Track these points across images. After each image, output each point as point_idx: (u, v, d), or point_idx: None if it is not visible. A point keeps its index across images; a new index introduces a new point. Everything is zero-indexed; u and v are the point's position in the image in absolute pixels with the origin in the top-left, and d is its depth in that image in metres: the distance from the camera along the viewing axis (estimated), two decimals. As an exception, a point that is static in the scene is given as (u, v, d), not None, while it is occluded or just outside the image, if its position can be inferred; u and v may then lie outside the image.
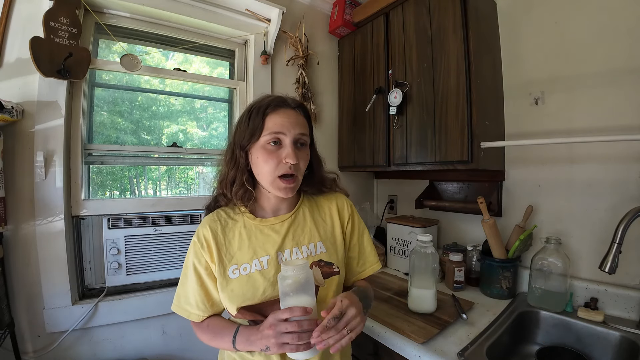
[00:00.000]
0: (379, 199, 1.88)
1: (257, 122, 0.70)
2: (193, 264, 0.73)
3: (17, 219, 1.01)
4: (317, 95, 1.62)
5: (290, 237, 0.75)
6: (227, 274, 0.71)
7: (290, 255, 0.74)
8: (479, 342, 0.84)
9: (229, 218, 0.77)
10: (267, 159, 0.69)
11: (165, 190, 1.45)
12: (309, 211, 0.81)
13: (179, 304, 0.76)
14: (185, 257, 0.76)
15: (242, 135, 0.72)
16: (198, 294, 0.73)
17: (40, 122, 1.03)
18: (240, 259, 0.72)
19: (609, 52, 0.99)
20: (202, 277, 0.73)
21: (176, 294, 0.77)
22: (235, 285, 0.70)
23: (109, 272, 1.16)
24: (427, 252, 0.98)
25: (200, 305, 0.73)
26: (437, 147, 1.17)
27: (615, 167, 0.99)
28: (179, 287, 0.76)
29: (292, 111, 0.72)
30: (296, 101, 0.75)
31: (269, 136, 0.69)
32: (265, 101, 0.72)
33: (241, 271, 0.71)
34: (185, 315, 0.75)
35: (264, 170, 0.70)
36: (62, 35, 1.03)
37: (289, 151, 0.69)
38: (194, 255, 0.74)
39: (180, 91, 1.44)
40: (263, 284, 0.70)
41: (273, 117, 0.70)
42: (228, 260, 0.72)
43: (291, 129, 0.69)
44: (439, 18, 1.15)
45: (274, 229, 0.76)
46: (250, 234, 0.75)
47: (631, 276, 0.95)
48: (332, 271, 0.75)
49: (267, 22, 1.44)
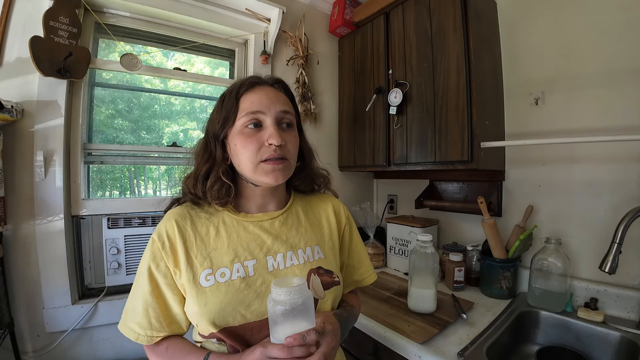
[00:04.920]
0: (379, 199, 1.88)
1: (230, 105, 0.60)
2: (148, 269, 0.57)
3: (16, 219, 1.01)
4: (317, 95, 1.62)
5: (283, 238, 0.63)
6: (198, 281, 0.55)
7: (283, 260, 0.60)
8: (478, 342, 0.83)
9: (202, 211, 0.62)
10: (245, 143, 0.57)
11: (165, 190, 1.45)
12: (302, 210, 0.69)
13: (125, 321, 0.58)
14: (141, 260, 0.60)
15: (215, 123, 0.61)
16: (152, 308, 0.56)
17: (40, 121, 1.03)
18: (216, 261, 0.57)
19: (609, 52, 0.99)
20: (160, 287, 0.57)
21: (125, 308, 0.59)
22: (210, 296, 0.54)
23: (109, 272, 1.16)
24: (427, 252, 0.98)
25: (154, 324, 0.56)
26: (437, 147, 1.16)
27: (615, 167, 0.99)
28: (128, 299, 0.59)
29: (269, 88, 0.63)
30: (274, 77, 0.66)
31: (245, 117, 0.58)
32: (238, 82, 0.63)
33: (217, 277, 0.55)
34: (133, 338, 0.56)
35: (244, 158, 0.58)
36: (62, 34, 1.03)
37: (272, 131, 0.57)
38: (150, 257, 0.57)
39: (181, 91, 1.44)
40: (248, 297, 0.55)
41: (248, 96, 0.60)
42: (199, 263, 0.56)
43: (271, 107, 0.59)
44: (439, 18, 1.15)
45: (262, 226, 0.62)
46: (231, 230, 0.60)
47: (631, 276, 0.95)
48: (333, 281, 0.64)
49: (267, 22, 1.44)
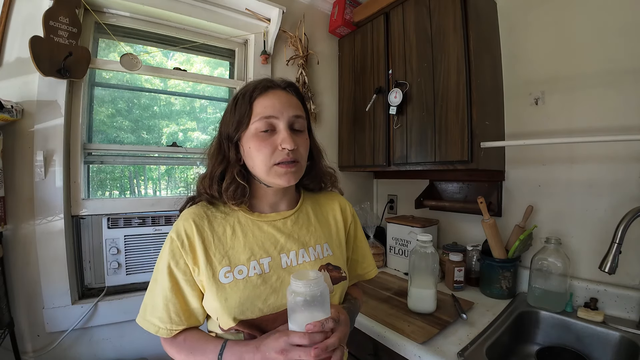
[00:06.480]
0: (379, 199, 1.88)
1: (244, 109, 0.62)
2: (168, 266, 0.61)
3: (16, 219, 1.01)
4: (317, 95, 1.62)
5: (295, 236, 0.67)
6: (218, 278, 0.59)
7: (296, 257, 0.65)
8: (478, 342, 0.83)
9: (217, 211, 0.66)
10: (259, 146, 0.61)
11: (165, 189, 1.45)
12: (312, 210, 0.73)
13: (145, 315, 0.62)
14: (158, 258, 0.63)
15: (229, 125, 0.64)
16: (172, 303, 0.60)
17: (40, 121, 1.03)
18: (234, 259, 0.61)
19: (609, 52, 0.99)
20: (179, 283, 0.61)
21: (143, 303, 0.63)
22: (230, 292, 0.59)
23: (109, 272, 1.16)
24: (427, 252, 0.98)
25: (174, 318, 0.60)
26: (437, 147, 1.16)
27: (615, 167, 0.99)
28: (146, 295, 0.63)
29: (282, 92, 0.65)
30: (286, 80, 0.67)
31: (259, 122, 0.61)
32: (252, 85, 0.64)
33: (235, 274, 0.60)
34: (153, 331, 0.60)
35: (258, 161, 0.61)
36: (61, 34, 1.03)
37: (285, 136, 0.60)
38: (169, 254, 0.61)
39: (181, 91, 1.44)
40: (265, 292, 0.60)
41: (261, 101, 0.62)
42: (218, 261, 0.61)
43: (284, 111, 0.62)
44: (439, 18, 1.15)
45: (275, 226, 0.67)
46: (246, 230, 0.64)
47: (631, 276, 0.95)
48: (341, 276, 0.69)
49: (267, 22, 1.44)
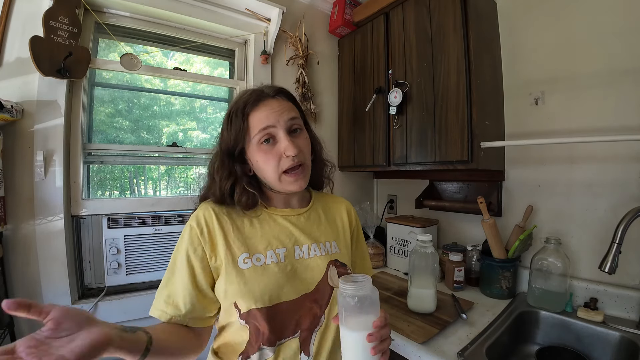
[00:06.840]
0: (379, 199, 1.88)
1: (239, 125, 0.64)
2: (186, 254, 0.60)
3: (16, 219, 1.01)
4: (317, 95, 1.62)
5: (308, 232, 0.71)
6: (237, 263, 0.61)
7: (308, 250, 0.68)
8: (478, 342, 0.83)
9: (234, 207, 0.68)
10: (266, 159, 0.64)
11: (165, 189, 1.45)
12: (322, 210, 0.78)
13: (159, 305, 0.60)
14: (175, 249, 0.63)
15: (228, 142, 0.66)
16: (189, 293, 0.59)
17: (40, 121, 1.03)
18: (252, 248, 0.64)
19: (609, 52, 0.99)
20: (195, 272, 0.60)
21: (157, 294, 0.62)
22: (249, 277, 0.60)
23: (109, 272, 1.16)
24: (427, 252, 0.98)
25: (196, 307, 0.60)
26: (437, 147, 1.16)
27: (615, 167, 0.99)
28: (161, 287, 0.62)
29: (273, 101, 0.66)
30: (274, 88, 0.68)
31: (259, 135, 0.63)
32: (242, 100, 0.66)
33: (254, 261, 0.62)
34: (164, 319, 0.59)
35: (267, 173, 0.65)
36: (61, 34, 1.03)
37: (287, 143, 0.63)
38: (189, 242, 0.61)
39: (181, 91, 1.44)
40: (280, 280, 0.61)
41: (256, 114, 0.64)
42: (237, 248, 0.62)
43: (279, 119, 0.63)
44: (439, 18, 1.15)
45: (290, 220, 0.70)
46: (263, 222, 0.68)
47: (631, 276, 0.95)
48: (347, 273, 0.71)
49: (267, 22, 1.44)
